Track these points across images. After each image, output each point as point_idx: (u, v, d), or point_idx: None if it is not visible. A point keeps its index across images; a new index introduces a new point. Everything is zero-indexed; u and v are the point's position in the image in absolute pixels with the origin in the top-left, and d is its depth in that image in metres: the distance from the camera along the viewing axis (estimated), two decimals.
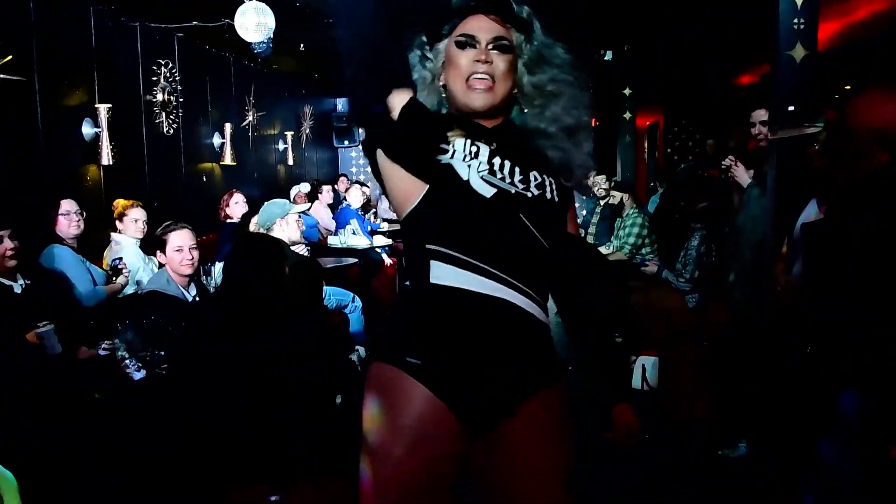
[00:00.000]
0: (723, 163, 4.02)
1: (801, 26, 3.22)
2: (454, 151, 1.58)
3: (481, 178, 1.56)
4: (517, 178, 1.59)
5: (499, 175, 1.58)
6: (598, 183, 7.22)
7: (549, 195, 1.62)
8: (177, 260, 3.49)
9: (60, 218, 4.00)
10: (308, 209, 5.24)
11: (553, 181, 1.65)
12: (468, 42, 1.61)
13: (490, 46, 1.61)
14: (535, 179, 1.62)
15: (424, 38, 1.71)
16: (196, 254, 3.55)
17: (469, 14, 1.64)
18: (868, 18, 5.30)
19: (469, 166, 1.56)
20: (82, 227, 4.09)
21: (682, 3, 5.26)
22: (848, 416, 2.37)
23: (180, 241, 3.50)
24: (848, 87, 5.50)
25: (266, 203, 4.72)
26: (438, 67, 1.69)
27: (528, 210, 1.57)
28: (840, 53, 5.58)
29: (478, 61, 1.59)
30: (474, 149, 1.60)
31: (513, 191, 1.57)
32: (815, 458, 2.51)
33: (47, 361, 3.08)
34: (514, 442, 1.57)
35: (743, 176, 3.90)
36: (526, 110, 1.68)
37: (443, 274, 1.54)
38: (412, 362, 1.53)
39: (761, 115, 3.77)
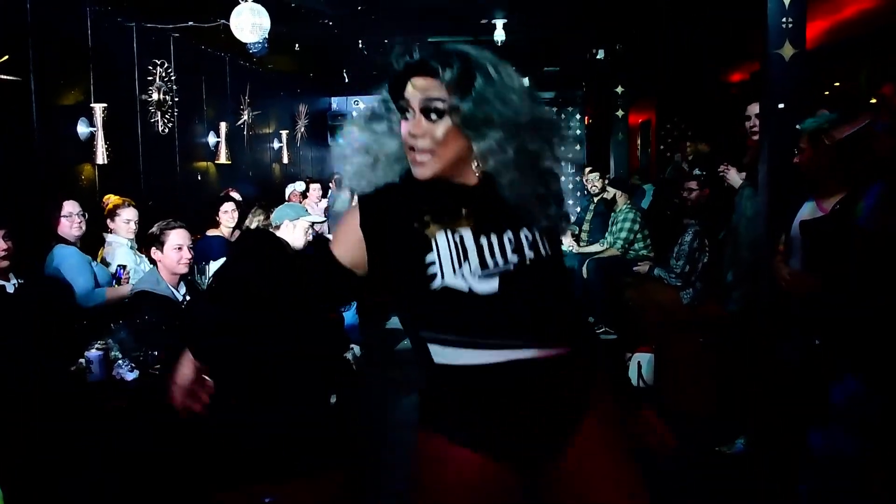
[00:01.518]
0: (719, 169, 4.09)
1: (790, 25, 3.26)
2: (440, 263, 1.49)
3: (479, 278, 1.49)
4: (510, 250, 1.52)
5: (491, 261, 1.51)
6: (592, 180, 7.27)
7: (543, 251, 1.56)
8: (174, 258, 3.48)
9: (63, 219, 4.04)
10: (323, 221, 5.20)
11: (540, 232, 1.58)
12: (404, 109, 1.51)
13: (422, 114, 1.48)
14: (528, 239, 1.55)
15: (387, 94, 1.58)
16: (192, 253, 3.56)
17: (408, 76, 1.50)
18: (856, 16, 5.34)
19: (463, 275, 1.49)
20: (84, 227, 4.12)
21: (673, 2, 5.30)
22: (838, 404, 2.41)
23: (180, 240, 3.49)
24: (837, 84, 5.55)
25: (283, 204, 4.76)
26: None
27: (527, 278, 1.52)
28: (829, 51, 5.62)
29: (412, 134, 1.49)
30: (457, 238, 1.51)
31: (512, 267, 1.51)
32: (808, 448, 2.56)
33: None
34: (573, 473, 1.55)
35: (735, 178, 3.96)
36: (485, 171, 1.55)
37: (445, 354, 1.51)
38: (457, 435, 1.54)
39: (756, 108, 3.82)
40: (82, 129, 4.62)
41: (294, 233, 4.48)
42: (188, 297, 3.56)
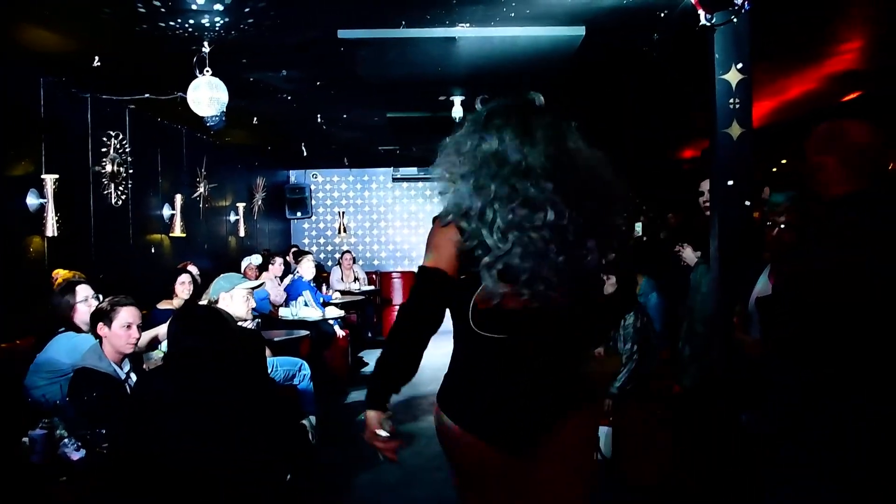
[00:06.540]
0: (674, 248, 4.18)
1: (737, 106, 3.38)
2: None
3: None
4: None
5: None
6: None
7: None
8: (123, 337, 3.36)
9: (79, 306, 3.89)
10: (259, 285, 5.15)
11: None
12: None
13: None
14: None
15: None
16: (140, 333, 3.45)
17: None
18: (799, 97, 5.59)
19: None
20: None
21: (626, 83, 5.48)
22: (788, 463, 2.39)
23: (130, 318, 3.38)
24: (784, 161, 5.75)
25: (218, 277, 4.68)
26: None
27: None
28: (774, 130, 5.84)
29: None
30: None
31: None
32: None
33: None
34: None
35: (690, 256, 4.05)
36: None
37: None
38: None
39: (708, 184, 3.92)
40: (32, 200, 4.51)
41: (233, 303, 4.42)
42: (132, 374, 3.44)
